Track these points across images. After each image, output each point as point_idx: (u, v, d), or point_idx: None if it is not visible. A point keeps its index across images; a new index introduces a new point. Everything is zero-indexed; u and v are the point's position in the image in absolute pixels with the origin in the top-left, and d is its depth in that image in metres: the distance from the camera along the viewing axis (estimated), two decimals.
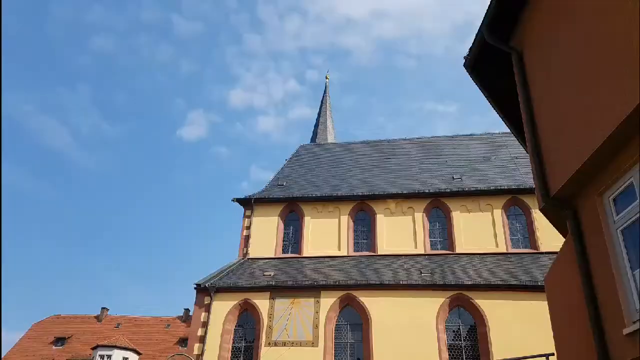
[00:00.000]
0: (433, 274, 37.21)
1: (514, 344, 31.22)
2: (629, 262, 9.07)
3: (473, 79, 15.32)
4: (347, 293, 36.73)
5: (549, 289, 12.58)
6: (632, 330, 8.49)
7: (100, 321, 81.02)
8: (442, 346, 33.91)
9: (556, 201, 10.96)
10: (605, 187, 9.76)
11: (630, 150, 8.91)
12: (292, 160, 56.54)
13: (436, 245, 42.53)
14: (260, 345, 35.94)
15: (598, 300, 9.73)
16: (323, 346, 35.12)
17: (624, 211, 9.22)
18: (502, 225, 41.61)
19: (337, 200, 45.47)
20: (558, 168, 10.89)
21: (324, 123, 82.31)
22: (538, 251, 40.00)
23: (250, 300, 37.64)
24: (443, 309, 35.09)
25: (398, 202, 44.27)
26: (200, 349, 36.29)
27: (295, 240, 44.75)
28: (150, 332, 76.45)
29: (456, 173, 47.60)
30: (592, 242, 10.09)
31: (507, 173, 46.36)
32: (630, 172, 9.08)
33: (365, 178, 49.65)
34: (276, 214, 45.73)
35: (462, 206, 43.23)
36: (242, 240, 44.82)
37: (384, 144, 56.88)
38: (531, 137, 12.08)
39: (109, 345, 67.17)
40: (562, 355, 11.32)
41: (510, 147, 50.08)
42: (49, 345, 75.76)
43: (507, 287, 34.68)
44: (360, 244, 43.73)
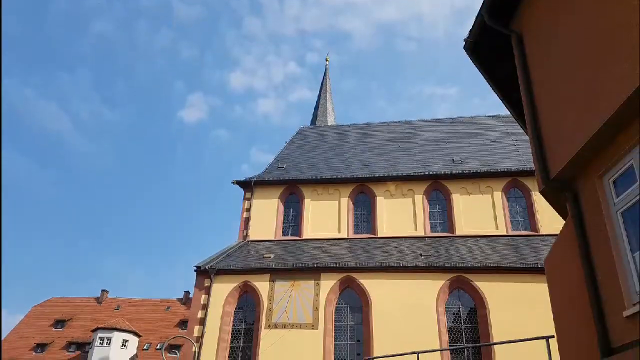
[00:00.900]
0: (433, 256, 37.21)
1: (513, 326, 31.24)
2: (629, 244, 9.05)
3: (473, 61, 15.26)
4: (347, 275, 36.71)
5: (549, 271, 12.53)
6: (632, 312, 8.47)
7: (100, 303, 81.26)
8: (442, 328, 33.89)
9: (556, 183, 10.92)
10: (605, 170, 9.71)
11: (630, 132, 8.87)
12: (292, 142, 56.50)
13: (436, 227, 42.52)
14: (260, 327, 35.94)
15: (598, 283, 9.70)
16: (323, 328, 35.12)
17: (624, 193, 9.20)
18: (502, 208, 41.60)
19: (337, 183, 45.45)
20: (558, 150, 10.84)
21: (324, 106, 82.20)
22: (538, 233, 40.01)
23: (250, 282, 37.64)
24: (443, 291, 35.08)
25: (398, 184, 44.26)
26: (200, 331, 36.28)
27: (295, 222, 44.77)
28: (150, 315, 76.66)
29: (456, 155, 47.54)
30: (592, 225, 10.05)
31: (507, 155, 46.30)
32: (630, 155, 9.05)
33: (365, 160, 49.63)
34: (276, 196, 45.74)
35: (462, 188, 43.21)
36: (242, 222, 44.81)
37: (384, 126, 56.85)
38: (531, 120, 12.02)
39: (108, 327, 67.46)
40: (562, 337, 11.28)
41: (510, 129, 50.03)
42: (49, 327, 76.07)
43: (507, 269, 34.66)
44: (360, 226, 43.74)
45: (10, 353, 70.31)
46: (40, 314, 78.79)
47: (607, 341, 9.19)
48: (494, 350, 31.78)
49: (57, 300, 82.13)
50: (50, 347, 72.01)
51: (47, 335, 74.13)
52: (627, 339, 8.58)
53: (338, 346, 35.23)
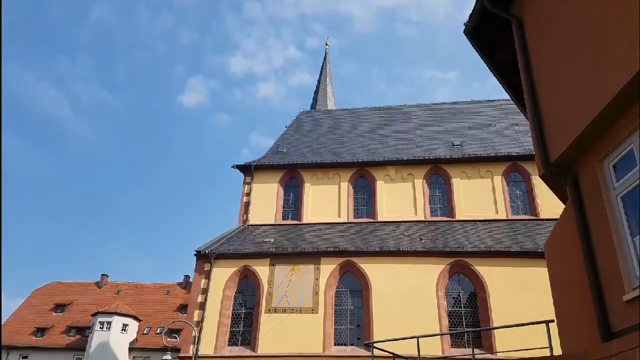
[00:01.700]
0: (433, 241, 37.23)
1: (513, 310, 31.32)
2: (629, 228, 9.04)
3: (473, 46, 15.22)
4: (347, 259, 36.76)
5: (549, 256, 12.55)
6: (632, 296, 8.47)
7: (100, 288, 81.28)
8: (442, 312, 33.96)
9: (556, 168, 10.90)
10: (605, 154, 9.69)
11: (630, 116, 8.84)
12: (292, 126, 56.44)
13: (436, 211, 42.55)
14: (260, 311, 35.99)
15: (598, 267, 9.70)
16: (323, 313, 35.18)
17: (624, 178, 9.18)
18: (502, 192, 41.60)
19: (337, 167, 45.42)
20: (558, 135, 10.82)
21: (324, 90, 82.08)
22: (538, 218, 40.06)
23: (250, 266, 37.67)
24: (443, 276, 35.14)
25: (398, 168, 44.22)
26: (200, 316, 36.31)
27: (295, 206, 44.77)
28: (150, 299, 76.70)
29: (456, 139, 47.53)
30: (592, 209, 10.04)
31: (507, 140, 46.31)
32: (630, 139, 9.02)
33: (366, 144, 49.60)
34: (276, 180, 45.69)
35: (462, 173, 43.19)
36: (242, 206, 44.79)
37: (384, 110, 56.82)
38: (531, 104, 12.00)
39: (109, 311, 67.44)
40: (562, 321, 11.29)
41: (510, 113, 50.01)
42: (49, 311, 76.04)
43: (507, 253, 34.71)
44: (360, 211, 43.74)
45: (10, 337, 70.42)
46: (40, 299, 78.79)
47: (607, 325, 9.19)
48: (494, 335, 31.85)
49: (57, 285, 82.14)
50: (50, 331, 72.03)
51: (47, 319, 74.14)
52: (627, 323, 8.58)
53: (338, 330, 35.27)
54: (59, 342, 70.19)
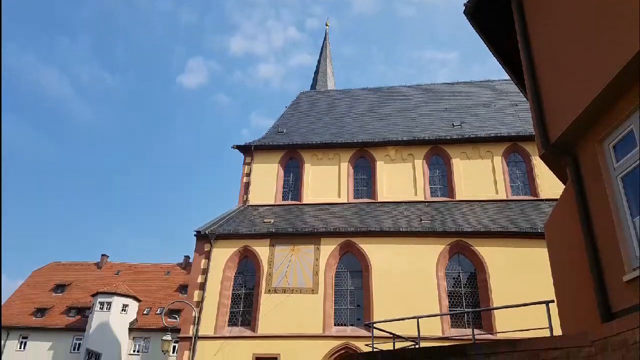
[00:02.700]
0: (433, 221, 37.25)
1: (513, 290, 31.31)
2: (629, 209, 9.00)
3: (473, 26, 15.15)
4: (347, 240, 36.81)
5: (549, 236, 12.52)
6: (632, 277, 8.45)
7: (100, 268, 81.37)
8: (442, 293, 34.01)
9: (556, 148, 10.86)
10: (605, 134, 9.65)
11: (630, 97, 8.80)
12: (292, 107, 56.37)
13: (436, 192, 42.52)
14: (260, 292, 36.06)
15: (598, 248, 9.67)
16: (323, 293, 35.23)
17: (624, 158, 9.13)
18: (502, 172, 41.57)
19: (337, 147, 45.38)
20: (558, 115, 10.78)
21: (324, 70, 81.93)
22: (538, 198, 40.04)
23: (250, 247, 37.71)
24: (443, 256, 35.17)
25: (398, 149, 44.18)
26: (200, 296, 36.34)
27: (295, 187, 44.73)
28: (150, 279, 76.79)
29: (456, 120, 47.51)
30: (592, 190, 10.01)
31: (507, 120, 46.27)
32: (630, 119, 8.97)
33: (366, 125, 49.56)
34: (276, 161, 45.64)
35: (462, 153, 43.15)
36: (242, 187, 44.76)
37: (384, 91, 56.66)
38: (531, 84, 11.94)
39: (108, 292, 67.54)
40: (562, 302, 11.28)
41: (510, 94, 49.91)
42: (49, 292, 76.15)
43: (507, 234, 34.74)
44: (360, 191, 43.71)
45: (10, 318, 70.52)
46: (40, 279, 78.84)
47: (607, 306, 9.17)
48: (493, 315, 31.90)
49: (57, 265, 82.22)
50: (50, 311, 72.10)
51: (47, 300, 74.20)
52: (627, 304, 8.56)
53: (338, 311, 35.34)
54: (58, 323, 70.32)
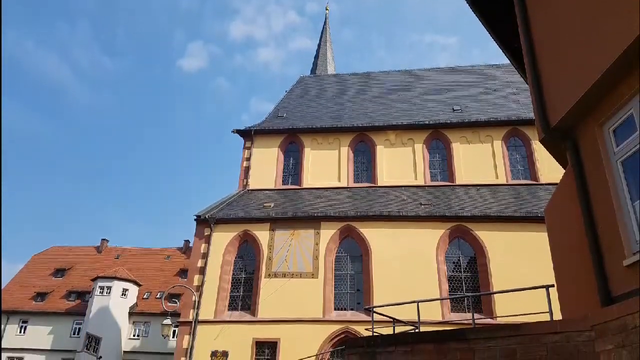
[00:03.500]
0: (433, 206, 37.26)
1: (513, 275, 31.38)
2: (629, 193, 8.96)
3: (473, 10, 15.09)
4: (347, 224, 36.83)
5: (549, 221, 12.48)
6: (632, 261, 8.42)
7: (100, 253, 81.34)
8: (442, 277, 34.06)
9: (556, 132, 10.82)
10: (605, 119, 9.61)
11: (630, 81, 8.75)
12: (292, 91, 56.36)
13: (436, 176, 42.52)
14: (260, 276, 36.12)
15: (598, 232, 9.63)
16: (323, 277, 35.28)
17: (624, 142, 9.09)
18: (502, 157, 41.59)
19: (337, 132, 45.40)
20: (558, 99, 10.74)
21: (324, 55, 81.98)
22: (538, 182, 40.09)
23: (250, 231, 37.75)
24: (443, 240, 35.20)
25: (398, 133, 44.17)
26: (200, 280, 36.40)
27: (295, 171, 44.73)
28: (150, 264, 76.78)
29: (456, 104, 47.49)
30: (592, 174, 9.97)
31: (507, 104, 46.28)
32: (630, 104, 8.93)
33: (366, 109, 49.54)
34: (276, 145, 45.63)
35: (462, 137, 43.16)
36: (242, 171, 44.77)
37: (384, 75, 56.70)
38: (531, 69, 11.88)
39: (108, 276, 67.55)
40: (562, 286, 11.25)
41: (510, 78, 49.93)
42: (49, 276, 76.12)
43: (507, 218, 34.77)
44: (360, 176, 43.71)
45: (10, 302, 70.52)
46: (40, 263, 78.76)
47: (607, 290, 9.15)
48: (493, 299, 31.96)
49: (57, 249, 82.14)
50: (50, 296, 72.06)
51: (47, 284, 74.14)
52: (627, 288, 8.54)
53: (338, 295, 35.40)
54: (59, 307, 70.32)
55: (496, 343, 11.00)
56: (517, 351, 10.63)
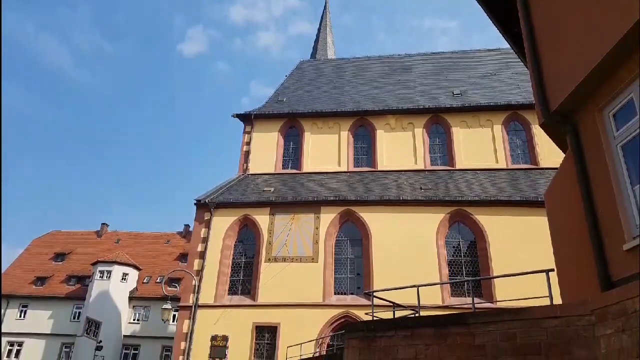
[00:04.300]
0: (433, 190, 37.27)
1: (513, 259, 31.45)
2: (629, 177, 8.96)
3: None
4: (347, 209, 36.87)
5: (549, 205, 12.46)
6: (632, 245, 8.43)
7: (100, 237, 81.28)
8: (442, 261, 34.11)
9: (556, 117, 10.80)
10: (605, 103, 9.59)
11: (630, 65, 8.73)
12: (292, 76, 56.27)
13: (436, 161, 42.49)
14: (260, 261, 36.19)
15: (598, 216, 9.63)
16: (323, 262, 35.35)
17: (624, 127, 9.08)
18: (502, 141, 41.55)
19: (337, 116, 45.39)
20: (558, 83, 10.72)
21: (324, 39, 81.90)
22: (538, 167, 40.05)
23: (250, 215, 37.80)
24: (443, 225, 35.24)
25: (398, 117, 44.14)
26: (200, 265, 36.45)
27: (295, 155, 44.71)
28: (150, 248, 76.71)
29: (456, 89, 47.44)
30: (592, 158, 9.96)
31: (507, 89, 46.22)
32: (630, 88, 8.91)
33: (366, 94, 49.49)
34: (276, 129, 45.61)
35: (462, 122, 43.13)
36: (242, 156, 44.74)
37: (384, 59, 56.56)
38: (531, 53, 11.86)
39: (108, 260, 67.52)
40: (562, 271, 11.25)
41: (510, 62, 49.86)
42: (49, 260, 76.07)
43: (507, 202, 34.82)
44: (360, 160, 43.68)
45: (10, 287, 70.48)
46: (40, 248, 78.68)
47: (607, 274, 9.15)
48: (493, 284, 31.99)
49: (57, 234, 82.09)
50: (50, 280, 72.00)
51: (47, 268, 74.08)
52: (627, 273, 8.54)
53: (338, 279, 35.47)
54: (59, 291, 70.31)
55: (496, 327, 11.01)
56: (517, 335, 10.64)
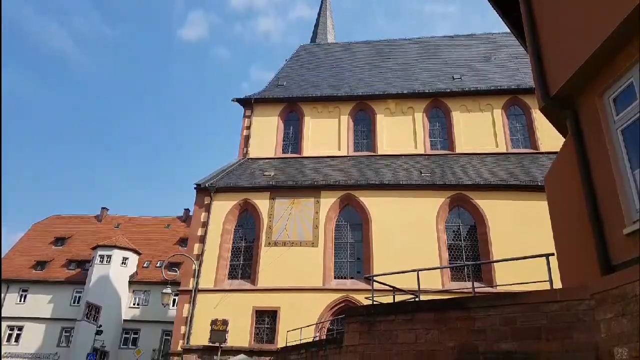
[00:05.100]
0: (433, 174, 37.25)
1: (513, 243, 31.47)
2: (629, 162, 8.95)
3: None
4: (347, 193, 36.88)
5: (549, 189, 12.46)
6: (632, 230, 8.44)
7: (100, 221, 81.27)
8: (442, 246, 34.12)
9: (556, 101, 10.79)
10: (605, 87, 9.58)
11: (630, 50, 8.72)
12: (292, 60, 56.22)
13: (436, 145, 42.47)
14: (260, 245, 36.23)
15: (598, 201, 9.64)
16: (323, 246, 35.38)
17: (624, 111, 9.08)
18: (502, 125, 41.54)
19: (337, 100, 45.34)
20: (558, 67, 10.70)
21: (324, 23, 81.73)
22: (538, 151, 40.04)
23: (250, 200, 37.82)
24: (443, 209, 35.24)
25: (398, 102, 44.10)
26: (200, 249, 36.50)
27: (295, 140, 44.74)
28: (150, 232, 76.72)
29: (456, 73, 47.41)
30: (592, 142, 9.96)
31: (507, 73, 46.18)
32: (630, 72, 8.90)
33: (366, 78, 49.41)
34: (276, 114, 45.60)
35: (462, 106, 43.10)
36: (242, 140, 44.74)
37: (384, 44, 56.49)
38: (531, 37, 11.84)
39: (108, 245, 67.51)
40: (562, 255, 11.24)
41: (510, 47, 49.84)
42: (49, 245, 76.06)
43: (507, 186, 34.80)
44: (360, 144, 43.68)
45: (10, 271, 70.51)
46: (40, 232, 78.68)
47: (607, 259, 9.16)
48: (493, 268, 32.00)
49: (57, 218, 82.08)
50: (50, 264, 72.00)
51: (47, 252, 74.06)
52: (627, 257, 8.55)
53: (338, 264, 35.51)
54: (59, 276, 70.33)
55: (496, 312, 11.03)
56: (517, 320, 10.66)
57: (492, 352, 10.84)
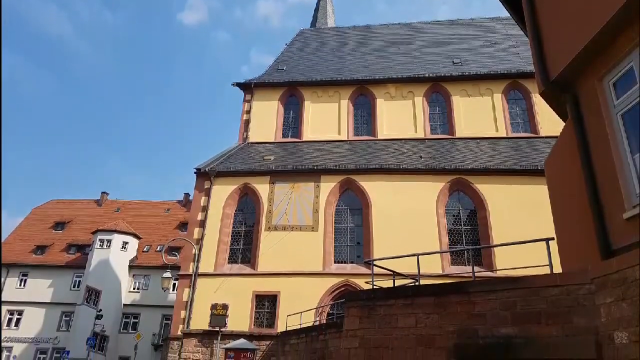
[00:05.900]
0: (433, 158, 37.24)
1: (513, 228, 31.48)
2: (629, 146, 8.97)
3: None
4: (347, 177, 36.85)
5: (549, 174, 12.46)
6: (632, 214, 8.46)
7: (100, 206, 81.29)
8: (442, 230, 34.12)
9: (556, 85, 10.79)
10: (605, 72, 9.58)
11: (630, 34, 8.71)
12: (292, 44, 56.23)
13: (436, 129, 42.48)
14: (260, 229, 36.23)
15: (598, 185, 9.65)
16: (323, 230, 35.39)
17: (624, 95, 9.08)
18: (502, 110, 41.53)
19: (337, 85, 45.30)
20: (558, 52, 10.71)
21: (324, 8, 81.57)
22: (538, 135, 40.05)
23: (250, 184, 37.80)
24: (443, 193, 35.23)
25: (398, 86, 44.08)
26: (200, 234, 36.52)
27: (295, 124, 44.74)
28: (150, 217, 76.73)
29: (456, 57, 47.36)
30: (592, 127, 9.96)
31: (507, 57, 46.17)
32: (630, 57, 8.91)
33: (366, 62, 49.40)
34: (276, 98, 45.58)
35: (462, 90, 43.08)
36: (242, 124, 44.75)
37: (384, 28, 56.48)
38: (531, 22, 11.84)
39: (108, 229, 67.52)
40: (562, 239, 11.25)
41: (510, 31, 49.78)
42: (49, 229, 76.09)
43: (507, 171, 34.78)
44: (360, 129, 43.68)
45: (10, 255, 70.54)
46: (40, 216, 78.69)
47: (607, 243, 9.17)
48: (493, 252, 32.01)
49: (57, 202, 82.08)
50: (50, 249, 72.05)
51: (47, 237, 74.12)
52: (627, 241, 8.56)
53: (338, 248, 35.52)
54: (59, 260, 70.37)
55: (496, 296, 11.05)
56: (517, 304, 10.68)
57: (492, 336, 10.86)
